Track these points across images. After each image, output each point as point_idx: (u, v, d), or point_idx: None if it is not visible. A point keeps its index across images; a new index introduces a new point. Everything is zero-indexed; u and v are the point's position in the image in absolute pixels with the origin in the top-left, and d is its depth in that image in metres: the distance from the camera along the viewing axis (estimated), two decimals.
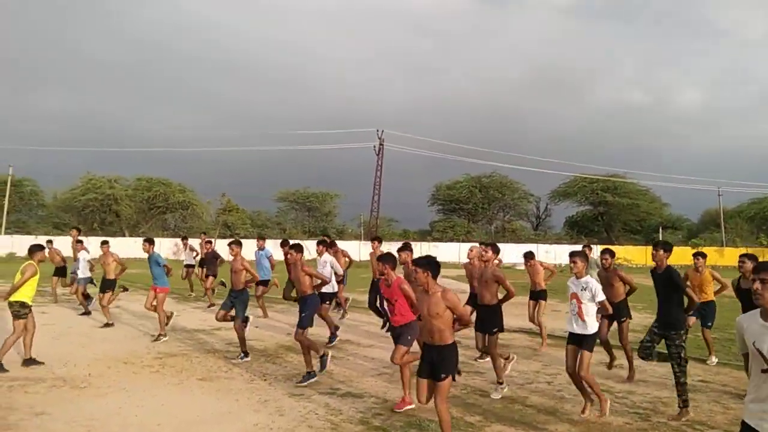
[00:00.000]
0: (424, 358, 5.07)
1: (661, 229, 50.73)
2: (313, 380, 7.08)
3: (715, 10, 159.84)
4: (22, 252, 37.86)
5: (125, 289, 13.34)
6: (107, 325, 10.99)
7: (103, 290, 11.34)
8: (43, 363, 7.86)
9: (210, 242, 15.51)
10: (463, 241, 46.05)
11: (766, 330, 3.14)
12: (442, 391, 4.81)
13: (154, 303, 9.94)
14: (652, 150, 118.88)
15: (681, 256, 47.17)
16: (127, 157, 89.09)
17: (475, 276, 8.14)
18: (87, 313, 12.47)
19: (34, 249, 8.22)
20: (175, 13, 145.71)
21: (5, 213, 47.13)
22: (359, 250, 36.85)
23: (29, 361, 7.85)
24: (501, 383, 6.80)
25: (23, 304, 7.83)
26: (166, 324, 10.07)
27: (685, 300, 6.44)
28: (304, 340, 7.27)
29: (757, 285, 3.16)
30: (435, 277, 5.01)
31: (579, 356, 5.79)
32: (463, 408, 6.20)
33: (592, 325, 5.87)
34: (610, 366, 8.00)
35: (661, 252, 6.35)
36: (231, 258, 8.83)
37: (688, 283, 8.27)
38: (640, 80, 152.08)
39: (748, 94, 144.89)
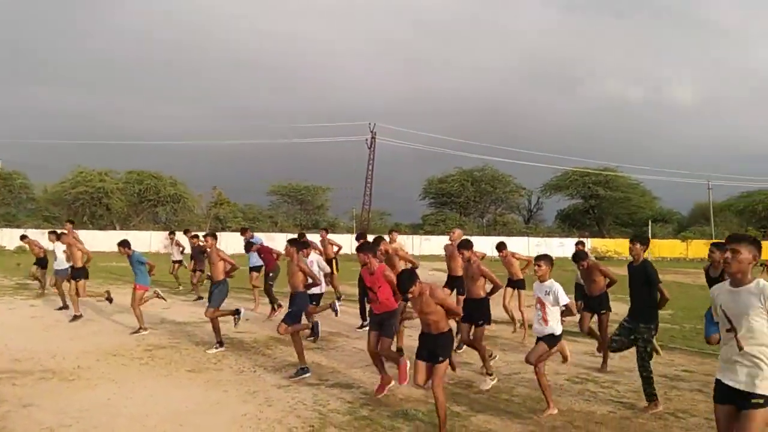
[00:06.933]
0: (422, 345, 5.42)
1: (651, 223, 51.02)
2: (306, 376, 7.02)
3: (708, 7, 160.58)
4: (12, 245, 37.69)
5: (110, 300, 12.30)
6: (75, 317, 10.87)
7: (75, 278, 11.20)
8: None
9: (196, 236, 15.39)
10: None
11: (732, 294, 3.53)
12: (438, 373, 5.15)
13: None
14: (643, 144, 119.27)
15: (671, 249, 47.69)
16: (118, 150, 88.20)
17: (455, 256, 9.25)
18: (64, 307, 11.97)
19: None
20: (166, 3, 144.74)
21: None
22: (351, 243, 36.85)
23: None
24: (490, 374, 6.84)
25: None
26: (157, 296, 10.91)
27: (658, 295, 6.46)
28: (292, 334, 7.21)
29: (728, 254, 3.52)
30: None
31: (534, 347, 5.94)
32: (449, 398, 6.24)
33: (555, 329, 5.92)
34: (600, 348, 8.17)
35: (638, 245, 6.34)
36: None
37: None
38: (632, 74, 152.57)
39: (741, 88, 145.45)
